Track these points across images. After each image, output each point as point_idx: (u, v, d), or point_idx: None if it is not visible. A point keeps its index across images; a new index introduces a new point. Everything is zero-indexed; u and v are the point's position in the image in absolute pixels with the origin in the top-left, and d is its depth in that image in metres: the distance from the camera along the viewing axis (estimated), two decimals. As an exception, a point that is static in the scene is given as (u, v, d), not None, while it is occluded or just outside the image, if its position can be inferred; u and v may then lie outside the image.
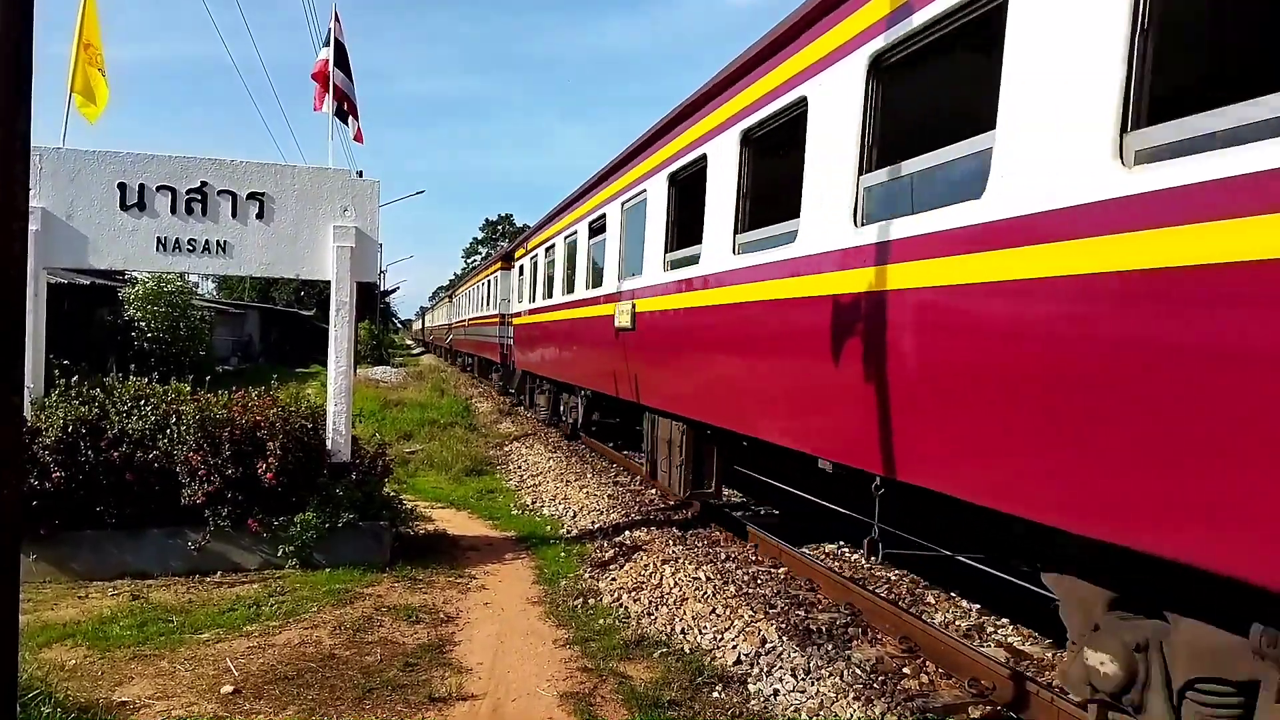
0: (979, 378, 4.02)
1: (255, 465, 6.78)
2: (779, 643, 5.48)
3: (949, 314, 4.22)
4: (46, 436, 6.48)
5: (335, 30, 8.47)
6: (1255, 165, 2.74)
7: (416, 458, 13.63)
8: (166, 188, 7.35)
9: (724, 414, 7.28)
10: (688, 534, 8.41)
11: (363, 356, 39.20)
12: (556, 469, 12.59)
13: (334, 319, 7.60)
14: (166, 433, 6.77)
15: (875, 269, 4.82)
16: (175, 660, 5.11)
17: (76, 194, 7.19)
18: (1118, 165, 3.29)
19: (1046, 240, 3.57)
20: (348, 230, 7.60)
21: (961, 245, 4.10)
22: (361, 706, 4.59)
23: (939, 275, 4.26)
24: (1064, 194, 3.52)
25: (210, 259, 7.51)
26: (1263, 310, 2.69)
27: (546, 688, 4.97)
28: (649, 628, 6.03)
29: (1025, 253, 3.67)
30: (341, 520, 6.97)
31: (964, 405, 4.15)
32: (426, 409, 19.44)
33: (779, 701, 4.82)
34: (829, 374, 5.31)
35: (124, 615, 5.82)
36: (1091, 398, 3.34)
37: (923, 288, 4.42)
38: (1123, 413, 3.19)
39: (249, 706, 4.55)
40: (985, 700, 4.77)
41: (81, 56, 7.50)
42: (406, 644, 5.54)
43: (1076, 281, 3.39)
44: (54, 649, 5.22)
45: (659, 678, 5.09)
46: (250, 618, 5.89)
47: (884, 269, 4.73)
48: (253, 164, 7.58)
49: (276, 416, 7.10)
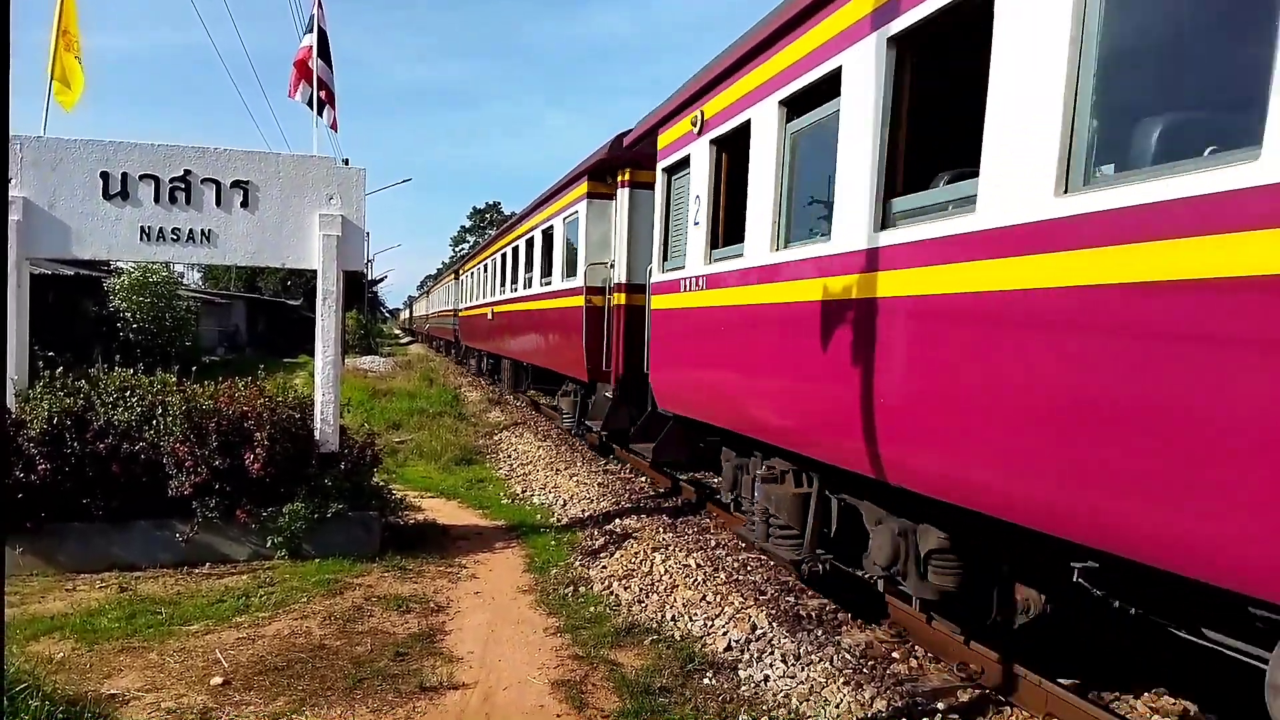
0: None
1: (243, 456, 6.74)
2: (769, 629, 5.50)
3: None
4: (31, 428, 6.42)
5: (318, 17, 8.39)
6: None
7: (406, 447, 13.60)
8: (150, 176, 7.27)
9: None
10: (678, 521, 8.43)
11: (351, 346, 39.03)
12: (546, 457, 12.58)
13: (321, 308, 7.55)
14: (153, 424, 6.72)
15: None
16: (164, 652, 5.10)
17: (58, 183, 7.10)
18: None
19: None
20: (334, 219, 7.54)
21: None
22: (352, 696, 4.59)
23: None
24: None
25: (195, 248, 7.45)
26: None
27: (537, 676, 4.98)
28: (640, 615, 6.05)
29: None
30: (330, 510, 6.95)
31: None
32: (415, 398, 19.39)
33: (769, 687, 4.85)
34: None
35: (112, 607, 5.79)
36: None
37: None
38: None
39: (239, 697, 4.54)
40: (974, 684, 4.81)
41: (59, 43, 7.40)
42: (397, 634, 5.54)
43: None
44: (42, 642, 5.19)
45: (650, 665, 5.11)
46: (239, 609, 5.88)
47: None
48: (237, 152, 7.50)
49: (264, 407, 7.05)
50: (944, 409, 4.20)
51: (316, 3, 8.44)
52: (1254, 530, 2.74)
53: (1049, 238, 3.48)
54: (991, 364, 3.85)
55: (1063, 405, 3.45)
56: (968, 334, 3.99)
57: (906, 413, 4.45)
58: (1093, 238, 3.27)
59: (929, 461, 4.37)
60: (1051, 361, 3.50)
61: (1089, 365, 3.30)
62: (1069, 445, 3.41)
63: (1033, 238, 3.57)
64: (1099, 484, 3.30)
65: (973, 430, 4.00)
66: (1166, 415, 3.01)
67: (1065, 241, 3.40)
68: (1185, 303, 2.89)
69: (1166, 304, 2.96)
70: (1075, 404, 3.38)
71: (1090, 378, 3.29)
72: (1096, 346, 3.27)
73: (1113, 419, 3.21)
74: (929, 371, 4.29)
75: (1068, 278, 3.37)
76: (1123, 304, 3.12)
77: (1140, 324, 3.08)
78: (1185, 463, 2.94)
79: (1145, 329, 3.07)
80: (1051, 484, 3.55)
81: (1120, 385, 3.16)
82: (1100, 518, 3.35)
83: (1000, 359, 3.79)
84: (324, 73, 8.41)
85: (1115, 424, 3.20)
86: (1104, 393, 3.23)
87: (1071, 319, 3.37)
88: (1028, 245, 3.60)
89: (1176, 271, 2.91)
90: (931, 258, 4.21)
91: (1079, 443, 3.36)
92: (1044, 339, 3.53)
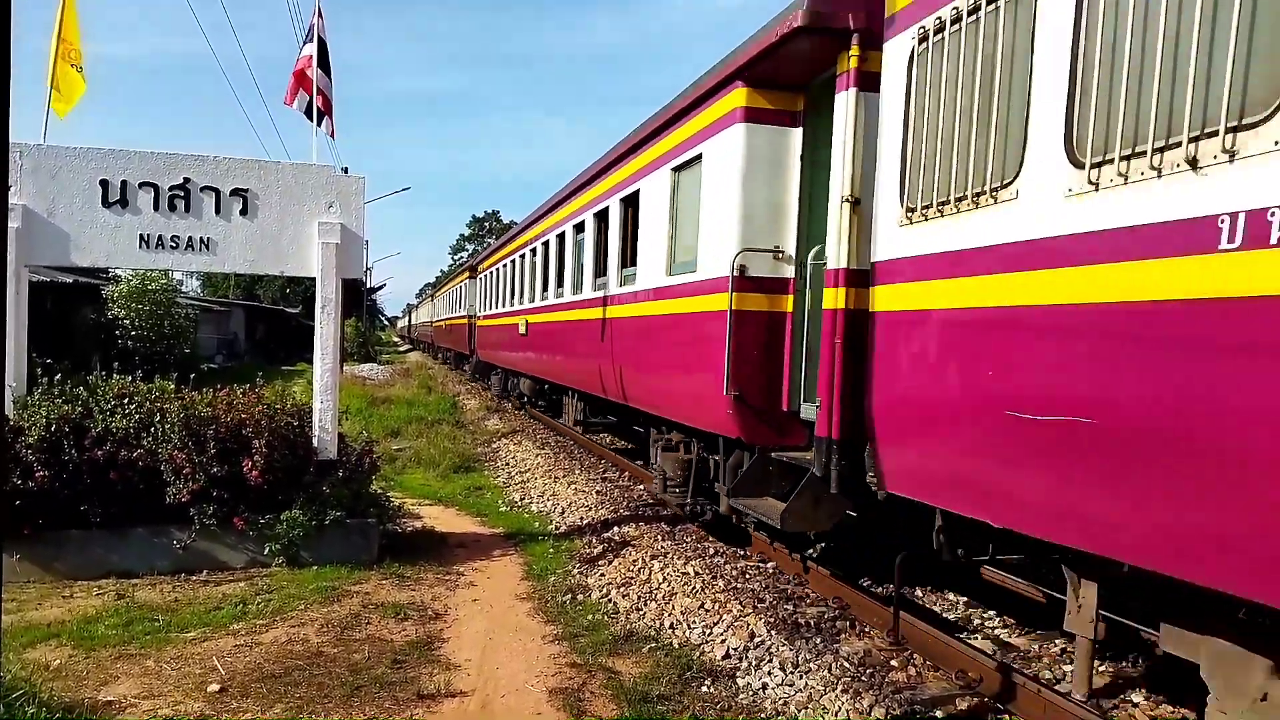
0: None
1: (241, 463, 6.74)
2: (767, 637, 5.50)
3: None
4: (29, 435, 6.42)
5: (318, 26, 8.43)
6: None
7: (404, 455, 13.58)
8: (149, 184, 7.27)
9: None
10: (676, 529, 8.43)
11: (349, 354, 39.04)
12: (545, 465, 12.58)
13: (320, 316, 7.55)
14: (151, 431, 6.72)
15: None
16: (161, 659, 5.08)
17: (58, 191, 7.11)
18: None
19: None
20: (333, 226, 7.55)
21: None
22: (349, 704, 4.58)
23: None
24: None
25: (194, 256, 7.45)
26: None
27: (535, 683, 4.98)
28: (638, 623, 6.04)
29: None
30: (328, 518, 6.94)
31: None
32: (414, 406, 19.38)
33: (768, 695, 4.84)
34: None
35: (109, 614, 5.78)
36: None
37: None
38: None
39: (236, 705, 4.53)
40: (973, 692, 4.81)
41: (58, 51, 7.43)
42: (395, 641, 5.53)
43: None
44: (39, 649, 5.17)
45: (648, 672, 5.10)
46: (237, 616, 5.86)
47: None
48: (236, 160, 7.52)
49: (262, 414, 7.05)
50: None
51: (317, 12, 8.48)
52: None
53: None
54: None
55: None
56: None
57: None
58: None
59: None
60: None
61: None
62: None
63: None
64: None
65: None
66: None
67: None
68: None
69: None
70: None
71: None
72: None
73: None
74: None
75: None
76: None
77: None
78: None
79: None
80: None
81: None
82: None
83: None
84: (322, 82, 8.44)
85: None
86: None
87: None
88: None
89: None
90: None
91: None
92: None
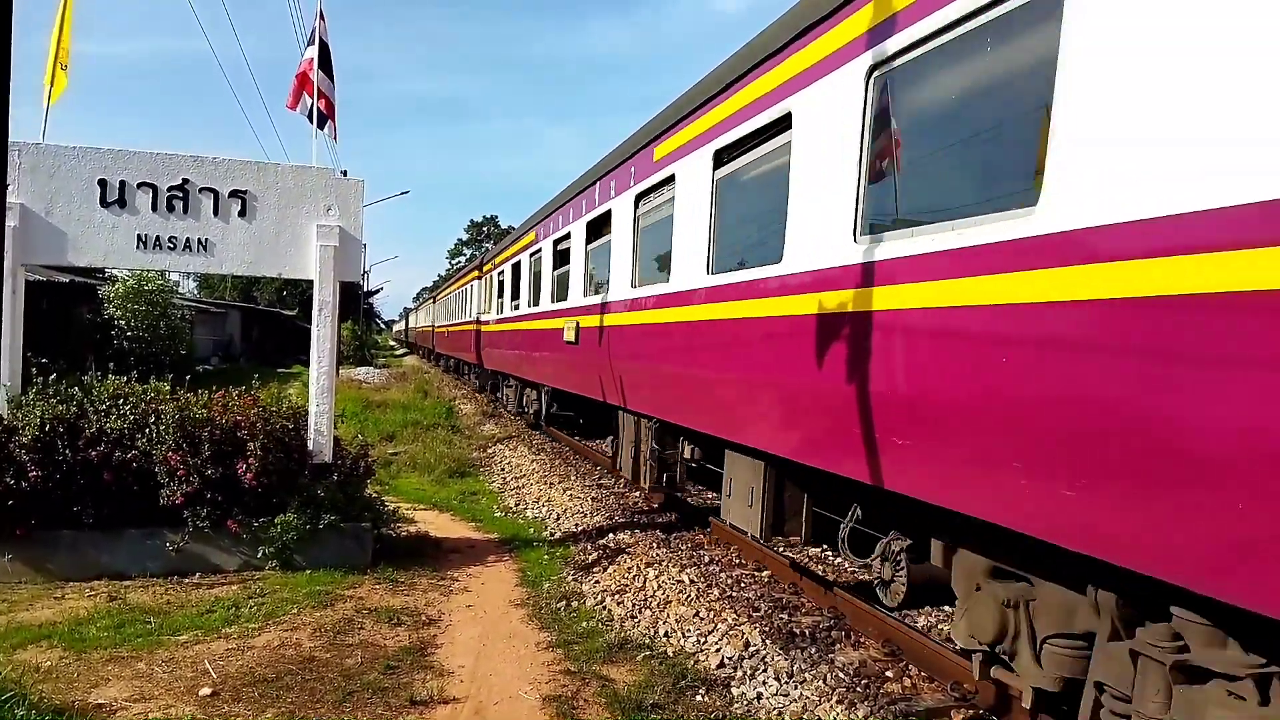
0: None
1: (235, 466, 6.72)
2: (762, 646, 5.48)
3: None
4: (23, 435, 6.39)
5: (320, 29, 8.43)
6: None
7: (399, 459, 13.55)
8: (147, 185, 7.27)
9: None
10: (671, 537, 8.41)
11: (345, 357, 38.98)
12: (540, 471, 12.56)
13: (317, 319, 7.54)
14: (145, 432, 6.69)
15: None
16: (153, 662, 5.05)
17: (56, 190, 7.10)
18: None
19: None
20: (331, 229, 7.54)
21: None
22: (341, 709, 4.55)
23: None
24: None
25: (192, 257, 7.44)
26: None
27: (529, 691, 4.95)
28: (632, 631, 6.02)
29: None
30: (323, 522, 6.91)
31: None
32: (409, 410, 19.34)
33: (762, 705, 4.82)
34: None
35: (101, 616, 5.74)
36: None
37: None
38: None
39: (227, 709, 4.50)
40: (968, 704, 4.79)
41: (56, 51, 7.44)
42: (388, 646, 5.50)
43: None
44: (29, 650, 5.14)
45: (642, 681, 5.08)
46: (229, 619, 5.83)
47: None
48: (235, 161, 7.51)
49: (257, 417, 7.03)
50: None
51: (319, 15, 8.49)
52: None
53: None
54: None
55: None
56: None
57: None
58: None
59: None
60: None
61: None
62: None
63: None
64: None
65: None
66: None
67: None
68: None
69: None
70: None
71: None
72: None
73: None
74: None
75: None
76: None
77: None
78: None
79: None
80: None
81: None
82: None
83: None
84: (324, 85, 8.44)
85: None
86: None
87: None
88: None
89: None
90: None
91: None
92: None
